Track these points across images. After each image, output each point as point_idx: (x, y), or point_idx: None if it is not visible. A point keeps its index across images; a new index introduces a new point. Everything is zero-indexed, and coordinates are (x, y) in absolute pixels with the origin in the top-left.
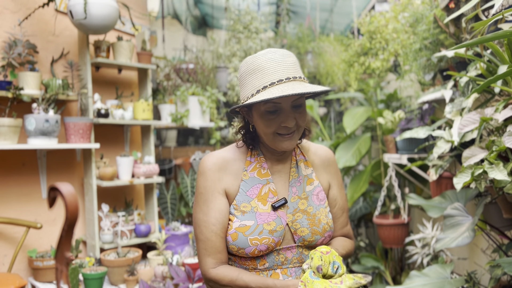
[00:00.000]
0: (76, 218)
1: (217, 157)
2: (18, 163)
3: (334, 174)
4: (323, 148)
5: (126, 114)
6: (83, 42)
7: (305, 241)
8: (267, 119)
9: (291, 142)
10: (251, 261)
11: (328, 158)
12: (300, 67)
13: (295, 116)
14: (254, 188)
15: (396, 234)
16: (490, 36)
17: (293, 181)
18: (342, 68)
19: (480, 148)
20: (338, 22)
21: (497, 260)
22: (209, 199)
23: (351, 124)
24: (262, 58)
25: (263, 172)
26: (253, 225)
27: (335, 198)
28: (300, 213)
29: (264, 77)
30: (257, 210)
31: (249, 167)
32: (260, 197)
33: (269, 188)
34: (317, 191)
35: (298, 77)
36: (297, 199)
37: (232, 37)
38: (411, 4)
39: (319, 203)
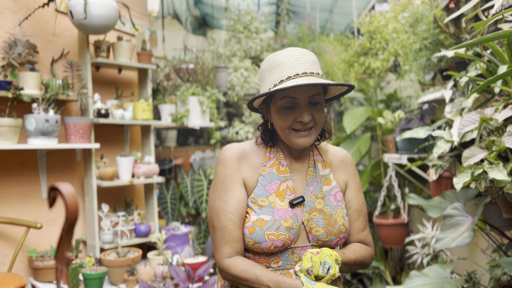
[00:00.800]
0: (76, 218)
1: (238, 148)
2: (18, 163)
3: (352, 176)
4: (341, 150)
5: (126, 114)
6: (83, 42)
7: (320, 241)
8: (283, 114)
9: (307, 139)
10: (265, 258)
11: (346, 160)
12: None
13: (311, 112)
14: (272, 183)
15: (396, 234)
16: (490, 36)
17: (311, 180)
18: (342, 68)
19: (480, 148)
20: (338, 22)
21: (497, 260)
22: (229, 188)
23: (351, 124)
24: (281, 55)
25: (281, 168)
26: (271, 220)
27: (349, 200)
28: (317, 212)
29: (281, 72)
30: (275, 205)
31: (268, 162)
32: (278, 193)
33: (287, 185)
34: (335, 192)
35: (315, 73)
36: (314, 198)
37: (232, 37)
38: (411, 4)
39: (336, 203)
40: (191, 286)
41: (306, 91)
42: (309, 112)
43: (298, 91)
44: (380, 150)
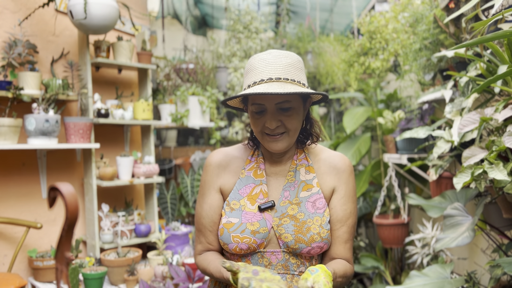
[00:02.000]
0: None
1: (221, 154)
2: (18, 163)
3: (342, 183)
4: (337, 156)
5: (126, 114)
6: (83, 42)
7: (289, 248)
8: (254, 119)
9: (277, 144)
10: (238, 259)
11: (338, 166)
12: (301, 70)
13: (281, 118)
14: (246, 187)
15: (396, 234)
16: (490, 36)
17: (288, 185)
18: (342, 68)
19: (480, 148)
20: (338, 22)
21: (497, 260)
22: (205, 194)
23: (351, 124)
24: (256, 58)
25: (258, 172)
26: (238, 222)
27: (332, 207)
28: (288, 218)
29: (252, 76)
30: (244, 209)
31: (248, 165)
32: (250, 196)
33: (261, 189)
34: (314, 199)
35: (284, 78)
36: (288, 204)
37: (232, 37)
38: (411, 4)
39: (314, 211)
40: (191, 286)
41: (273, 98)
42: (277, 119)
43: (265, 97)
44: (380, 150)
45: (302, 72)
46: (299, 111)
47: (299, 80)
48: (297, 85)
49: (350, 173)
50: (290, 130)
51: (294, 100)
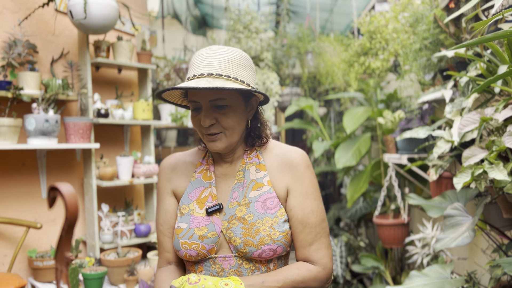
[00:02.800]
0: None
1: (173, 158)
2: (18, 163)
3: (297, 180)
4: (293, 150)
5: (126, 114)
6: (83, 42)
7: (239, 252)
8: (192, 116)
9: (215, 144)
10: (192, 266)
11: (293, 162)
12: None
13: (215, 116)
14: (196, 190)
15: (396, 234)
16: (490, 36)
17: (237, 186)
18: (342, 68)
19: (480, 148)
20: (338, 22)
21: (497, 260)
22: (160, 200)
23: (351, 124)
24: (197, 53)
25: (208, 174)
26: (186, 228)
27: (291, 209)
28: (236, 220)
29: (189, 72)
30: (193, 213)
31: (199, 168)
32: (199, 200)
33: (210, 192)
34: (265, 198)
35: (217, 74)
36: (236, 205)
37: (232, 37)
38: (411, 4)
39: (264, 211)
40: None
41: (206, 95)
42: (212, 116)
43: (197, 94)
44: (380, 150)
45: (244, 69)
46: (238, 110)
47: (236, 76)
48: (232, 81)
49: (305, 168)
50: (226, 129)
51: (231, 98)
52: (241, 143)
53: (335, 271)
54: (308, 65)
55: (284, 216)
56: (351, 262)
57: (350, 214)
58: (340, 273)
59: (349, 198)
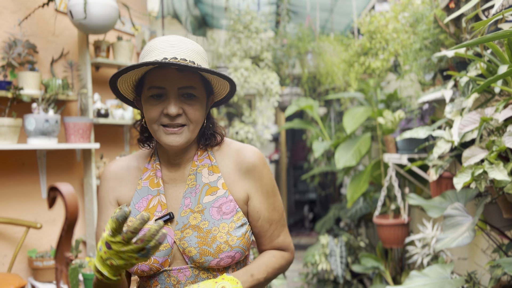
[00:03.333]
0: (76, 218)
1: (116, 165)
2: (18, 163)
3: (257, 181)
4: (247, 150)
5: (126, 114)
6: (83, 42)
7: (195, 262)
8: (150, 105)
9: (176, 137)
10: (146, 281)
11: (249, 162)
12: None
13: (183, 106)
14: (143, 200)
15: (396, 234)
16: (490, 36)
17: (188, 191)
18: (342, 68)
19: (480, 148)
20: (338, 22)
21: (497, 260)
22: (102, 210)
23: (351, 124)
24: (157, 40)
25: (155, 181)
26: None
27: (257, 210)
28: (190, 229)
29: (152, 57)
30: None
31: (144, 175)
32: (147, 210)
33: (159, 200)
34: (221, 203)
35: (190, 61)
36: (189, 213)
37: (232, 37)
38: (411, 4)
39: (220, 217)
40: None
41: (176, 81)
42: (179, 106)
43: (166, 79)
44: (380, 150)
45: (207, 64)
46: (203, 104)
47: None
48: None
49: (262, 167)
50: (191, 122)
51: (199, 89)
52: (194, 142)
53: (335, 271)
54: (308, 65)
55: (241, 220)
56: (351, 262)
57: (350, 214)
58: (340, 273)
59: (349, 198)
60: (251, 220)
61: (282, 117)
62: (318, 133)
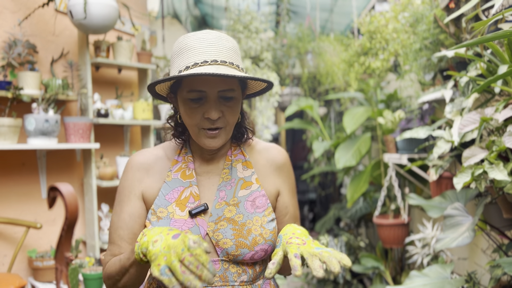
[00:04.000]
0: (76, 218)
1: (144, 155)
2: (18, 163)
3: (286, 179)
4: (275, 149)
5: (126, 114)
6: (83, 42)
7: (229, 255)
8: (189, 108)
9: (215, 140)
10: None
11: (279, 160)
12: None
13: (222, 109)
14: (174, 191)
15: (396, 234)
16: (490, 36)
17: (223, 184)
18: (342, 68)
19: (480, 148)
20: (338, 22)
21: (497, 260)
22: (124, 201)
23: (351, 124)
24: (193, 37)
25: (187, 173)
26: None
27: (286, 206)
28: (225, 221)
29: (189, 57)
30: (173, 216)
31: (175, 167)
32: (179, 201)
33: (191, 192)
34: (254, 197)
35: (229, 63)
36: (224, 206)
37: (232, 37)
38: (411, 4)
39: (254, 210)
40: None
41: (216, 84)
42: (219, 109)
43: (207, 83)
44: (380, 150)
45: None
46: (239, 103)
47: (242, 67)
48: (241, 71)
49: (289, 166)
50: (229, 124)
51: (237, 90)
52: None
53: None
54: (308, 65)
55: (272, 215)
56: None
57: (350, 214)
58: (340, 273)
59: (349, 198)
60: (278, 215)
61: (282, 117)
62: (318, 133)
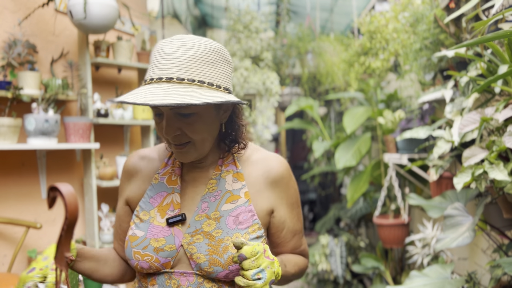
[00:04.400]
0: (76, 218)
1: (136, 156)
2: (17, 163)
3: (284, 193)
4: (273, 160)
5: (126, 114)
6: (83, 42)
7: (203, 270)
8: (155, 122)
9: (184, 155)
10: (144, 278)
11: (277, 173)
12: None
13: (180, 125)
14: (158, 195)
15: (396, 234)
16: (491, 36)
17: (207, 196)
18: (342, 68)
19: (480, 148)
20: (338, 22)
21: (497, 260)
22: (118, 200)
23: (351, 124)
24: (157, 46)
25: (173, 178)
26: (142, 237)
27: (282, 221)
28: (202, 235)
29: (150, 70)
30: (153, 221)
31: (163, 170)
32: (160, 207)
33: (172, 199)
34: (239, 212)
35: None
36: (204, 218)
37: (232, 37)
38: (411, 4)
39: (235, 226)
40: None
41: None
42: (176, 126)
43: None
44: (380, 150)
45: (213, 67)
46: (207, 116)
47: (203, 79)
48: (197, 86)
49: (289, 178)
50: (195, 140)
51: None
52: (215, 148)
53: (335, 271)
54: (308, 65)
55: (258, 233)
56: (351, 262)
57: (350, 214)
58: (340, 273)
59: (349, 198)
60: (275, 231)
61: (282, 117)
62: (318, 133)
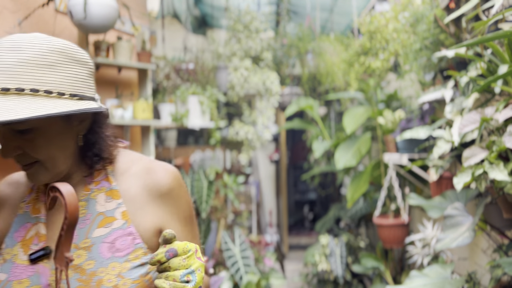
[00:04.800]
0: (76, 218)
1: (4, 183)
2: None
3: (174, 207)
4: (159, 169)
5: (126, 114)
6: (83, 42)
7: None
8: None
9: (33, 177)
10: None
11: (164, 185)
12: (50, 66)
13: (20, 144)
14: (22, 228)
15: (396, 235)
16: (491, 36)
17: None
18: (342, 68)
19: (480, 148)
20: (338, 22)
21: (497, 260)
22: None
23: (351, 124)
24: None
25: (36, 206)
26: (4, 280)
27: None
28: (71, 269)
29: None
30: (16, 260)
31: (28, 197)
32: (24, 242)
33: (36, 231)
34: (115, 237)
35: (3, 89)
36: (73, 249)
37: (232, 37)
38: (411, 4)
39: (111, 255)
40: None
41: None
42: (13, 145)
43: None
44: (380, 150)
45: (53, 70)
46: (51, 131)
47: (36, 86)
48: (28, 96)
49: (179, 189)
50: (42, 159)
51: (29, 121)
52: (77, 165)
53: (335, 271)
54: (308, 65)
55: (141, 259)
56: (351, 262)
57: (350, 214)
58: (340, 274)
59: (349, 198)
60: None
61: (282, 117)
62: (318, 133)
